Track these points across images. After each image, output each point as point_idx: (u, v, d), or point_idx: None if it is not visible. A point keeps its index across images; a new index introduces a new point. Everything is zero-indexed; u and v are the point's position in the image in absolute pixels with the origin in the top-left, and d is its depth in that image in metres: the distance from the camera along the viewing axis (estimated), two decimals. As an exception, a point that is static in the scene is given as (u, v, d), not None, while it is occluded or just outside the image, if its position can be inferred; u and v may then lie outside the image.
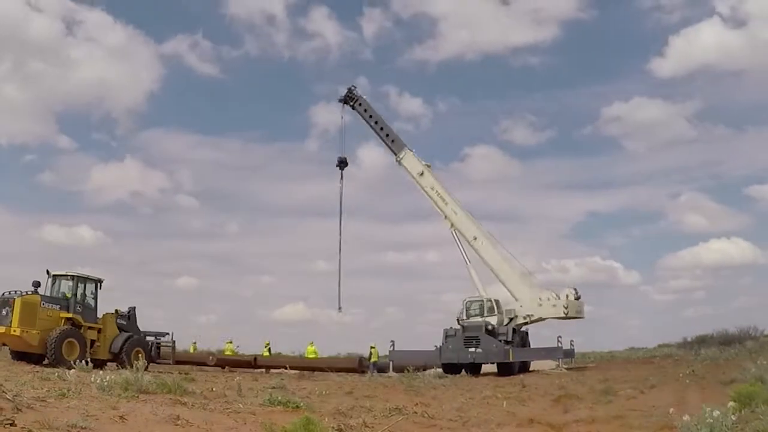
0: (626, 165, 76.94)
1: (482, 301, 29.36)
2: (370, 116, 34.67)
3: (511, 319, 29.25)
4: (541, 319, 30.16)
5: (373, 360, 28.37)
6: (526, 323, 30.12)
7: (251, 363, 28.02)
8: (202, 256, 78.14)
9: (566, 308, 29.74)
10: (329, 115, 56.69)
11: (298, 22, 69.95)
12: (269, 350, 31.60)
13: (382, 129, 34.35)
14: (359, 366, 26.90)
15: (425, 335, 77.66)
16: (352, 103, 35.04)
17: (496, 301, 29.60)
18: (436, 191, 31.83)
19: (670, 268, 75.46)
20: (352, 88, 35.38)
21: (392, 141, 33.82)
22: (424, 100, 74.35)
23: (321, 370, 26.29)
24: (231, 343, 31.89)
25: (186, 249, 75.06)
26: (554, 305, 29.70)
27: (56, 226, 67.04)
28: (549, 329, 31.05)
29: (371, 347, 29.77)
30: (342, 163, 34.11)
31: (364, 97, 35.37)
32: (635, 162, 74.96)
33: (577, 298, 30.33)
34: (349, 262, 66.37)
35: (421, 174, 32.24)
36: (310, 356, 30.59)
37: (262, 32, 68.30)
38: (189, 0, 69.75)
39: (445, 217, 31.45)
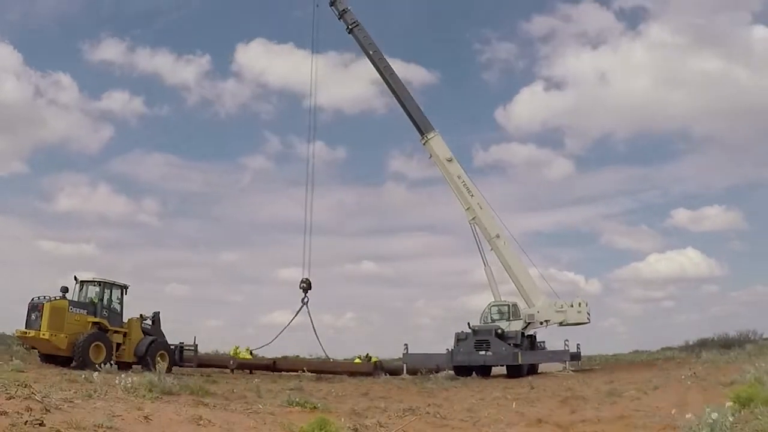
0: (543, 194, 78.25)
1: (506, 305, 29.60)
2: (370, 43, 30.82)
3: (528, 324, 29.37)
4: (562, 324, 30.11)
5: (374, 362, 29.01)
6: (540, 327, 30.25)
7: (270, 366, 28.50)
8: (185, 266, 79.83)
9: (589, 314, 30.10)
10: (255, 162, 70.29)
11: (206, 86, 74.24)
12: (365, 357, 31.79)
13: (390, 75, 30.68)
14: (374, 370, 27.34)
15: (421, 337, 79.37)
16: (350, 27, 30.44)
17: (515, 306, 29.82)
18: (463, 181, 30.78)
19: (623, 280, 74.82)
20: (348, 8, 30.43)
21: (414, 104, 30.54)
22: (326, 143, 74.51)
23: (337, 373, 26.83)
24: (248, 349, 32.51)
25: (167, 259, 77.07)
26: (579, 312, 29.86)
27: (49, 240, 70.43)
28: (547, 333, 31.35)
29: (368, 355, 30.37)
30: (308, 287, 29.52)
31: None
32: (553, 192, 75.47)
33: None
34: (326, 270, 70.57)
35: (450, 160, 30.83)
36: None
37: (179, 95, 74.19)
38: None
39: (468, 208, 30.47)
